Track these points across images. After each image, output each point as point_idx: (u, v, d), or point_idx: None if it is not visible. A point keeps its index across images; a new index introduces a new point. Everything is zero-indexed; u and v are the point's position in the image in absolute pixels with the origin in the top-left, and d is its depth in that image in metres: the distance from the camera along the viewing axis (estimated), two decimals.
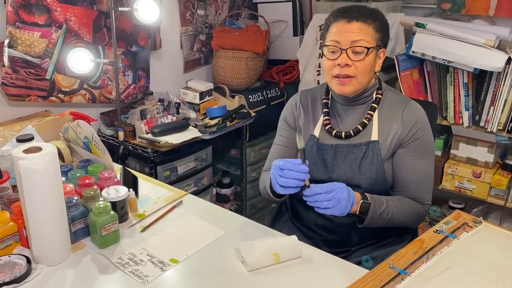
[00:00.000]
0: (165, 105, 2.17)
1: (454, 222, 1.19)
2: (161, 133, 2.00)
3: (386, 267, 0.99)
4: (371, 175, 1.29)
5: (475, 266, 1.00)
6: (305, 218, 1.41)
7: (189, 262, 1.12)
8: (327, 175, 1.33)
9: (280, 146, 1.43)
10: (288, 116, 1.43)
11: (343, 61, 1.24)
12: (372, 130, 1.31)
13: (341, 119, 1.35)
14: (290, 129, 1.42)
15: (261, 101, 2.64)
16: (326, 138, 1.34)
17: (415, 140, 1.29)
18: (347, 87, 1.27)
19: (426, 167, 1.32)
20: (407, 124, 1.29)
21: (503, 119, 2.05)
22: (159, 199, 1.44)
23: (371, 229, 1.34)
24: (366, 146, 1.29)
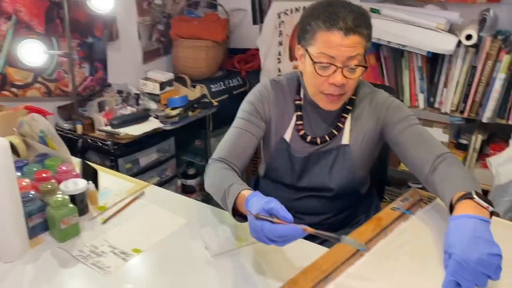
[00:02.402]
0: (124, 96, 2.14)
1: (410, 199, 1.23)
2: (121, 125, 1.97)
3: None
4: (341, 179, 1.27)
5: (430, 241, 1.05)
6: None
7: (152, 251, 1.12)
8: (295, 181, 1.30)
9: (242, 131, 1.25)
10: (257, 105, 1.27)
11: (339, 80, 1.10)
12: (343, 133, 1.26)
13: (313, 122, 1.27)
14: (258, 116, 1.26)
15: (223, 90, 2.63)
16: (298, 145, 1.27)
17: (395, 113, 1.23)
18: (335, 105, 1.18)
19: (420, 128, 1.22)
20: (377, 113, 1.24)
21: (456, 100, 2.13)
22: (120, 191, 1.42)
23: (340, 222, 1.36)
24: (336, 150, 1.26)
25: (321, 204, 1.32)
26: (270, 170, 1.35)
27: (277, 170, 1.32)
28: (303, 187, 1.31)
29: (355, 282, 0.90)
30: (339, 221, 1.36)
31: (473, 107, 2.10)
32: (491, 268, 0.80)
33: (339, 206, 1.34)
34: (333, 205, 1.33)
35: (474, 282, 0.80)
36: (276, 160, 1.30)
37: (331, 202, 1.32)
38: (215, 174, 1.17)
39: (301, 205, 1.33)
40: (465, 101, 2.12)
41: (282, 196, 1.33)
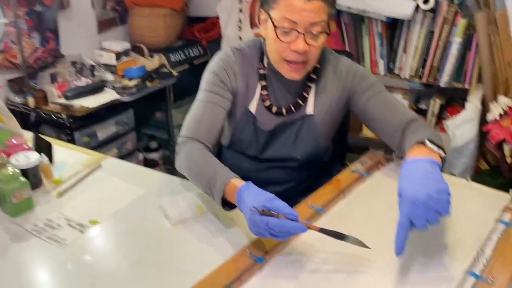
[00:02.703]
0: (78, 68, 2.05)
1: (369, 161, 1.25)
2: (76, 97, 1.89)
3: (305, 207, 1.03)
4: (307, 150, 1.26)
5: (387, 200, 1.07)
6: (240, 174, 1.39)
7: (110, 222, 1.09)
8: (259, 153, 1.29)
9: (209, 104, 1.18)
10: (222, 74, 1.21)
11: (302, 47, 1.07)
12: (308, 103, 1.24)
13: (278, 91, 1.23)
14: (224, 87, 1.20)
15: (183, 60, 2.57)
16: (264, 117, 1.24)
17: (361, 82, 1.22)
18: (298, 74, 1.15)
19: (387, 94, 1.22)
20: (342, 80, 1.23)
21: (415, 65, 2.16)
22: (76, 164, 1.38)
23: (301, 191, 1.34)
24: (301, 120, 1.24)
25: (285, 174, 1.32)
26: (234, 142, 1.32)
27: (241, 142, 1.29)
28: (268, 158, 1.29)
29: (313, 242, 0.91)
30: (302, 188, 1.36)
31: (431, 72, 2.14)
32: (440, 203, 0.82)
33: (303, 175, 1.34)
34: (297, 174, 1.33)
35: (425, 218, 0.82)
36: (241, 132, 1.27)
37: (295, 171, 1.32)
38: (192, 157, 1.10)
39: (264, 176, 1.32)
40: (423, 66, 2.15)
41: (246, 167, 1.33)
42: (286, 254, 0.88)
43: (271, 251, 0.88)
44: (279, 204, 0.86)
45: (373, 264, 0.85)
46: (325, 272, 0.83)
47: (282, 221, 0.83)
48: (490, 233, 0.95)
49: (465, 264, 0.84)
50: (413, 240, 0.92)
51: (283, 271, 0.83)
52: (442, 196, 0.82)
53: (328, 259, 0.87)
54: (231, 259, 0.86)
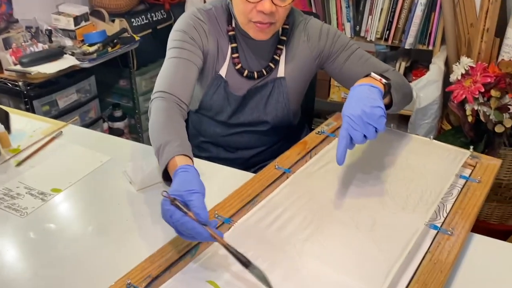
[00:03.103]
0: (34, 32, 1.94)
1: (334, 123, 1.26)
2: (32, 63, 1.80)
3: (272, 168, 1.03)
4: (277, 113, 1.25)
5: (352, 157, 1.08)
6: (207, 151, 1.37)
7: (73, 190, 1.06)
8: (229, 118, 1.26)
9: (180, 59, 1.12)
10: (193, 33, 1.16)
11: (268, 8, 1.04)
12: (279, 65, 1.22)
13: (248, 55, 1.21)
14: (195, 44, 1.15)
15: (146, 24, 2.48)
16: (235, 81, 1.21)
17: (335, 43, 1.21)
18: (266, 34, 1.12)
19: (359, 51, 1.23)
20: (313, 43, 1.21)
21: (380, 27, 2.16)
22: (36, 132, 1.33)
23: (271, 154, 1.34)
24: (272, 83, 1.22)
25: (254, 139, 1.31)
26: (204, 107, 1.28)
27: (211, 107, 1.26)
28: (238, 123, 1.27)
29: (280, 201, 0.91)
30: (271, 152, 1.36)
31: (396, 34, 2.15)
32: (374, 118, 0.89)
33: (272, 139, 1.33)
34: (266, 138, 1.32)
35: (362, 132, 0.89)
36: (211, 97, 1.24)
37: (265, 135, 1.31)
38: (157, 113, 1.02)
39: (234, 140, 1.31)
40: (389, 29, 2.15)
41: (215, 132, 1.31)
42: (253, 214, 0.88)
43: (238, 213, 0.88)
44: (195, 203, 0.75)
45: (337, 218, 0.87)
46: (291, 230, 0.84)
47: (186, 219, 0.73)
48: (451, 187, 0.98)
49: (426, 217, 0.86)
50: (377, 195, 0.94)
51: (250, 231, 0.83)
52: (375, 111, 0.89)
53: (296, 214, 0.87)
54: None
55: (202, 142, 1.36)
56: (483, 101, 1.65)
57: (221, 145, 1.33)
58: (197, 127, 1.36)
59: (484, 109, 1.65)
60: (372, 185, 0.98)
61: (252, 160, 1.35)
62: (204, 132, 1.34)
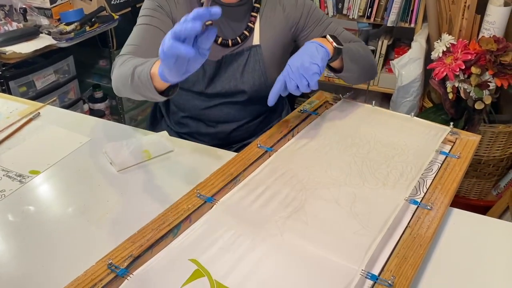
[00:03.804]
0: (7, 10, 1.88)
1: (316, 101, 1.25)
2: (6, 43, 1.74)
3: (254, 147, 1.03)
4: (254, 81, 1.24)
5: (333, 136, 1.08)
6: (186, 125, 1.36)
7: (52, 171, 1.04)
8: (206, 87, 1.24)
9: (148, 26, 1.13)
10: (162, 3, 1.16)
11: None
12: (254, 33, 1.22)
13: (223, 24, 1.21)
14: (163, 12, 1.16)
15: (125, 3, 2.42)
16: None
17: (310, 16, 1.23)
18: None
19: (333, 25, 1.26)
20: (289, 13, 1.22)
21: (363, 5, 2.15)
22: (12, 113, 1.30)
23: (253, 129, 1.36)
24: (248, 51, 1.22)
25: (234, 111, 1.30)
26: None
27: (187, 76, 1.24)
28: (215, 93, 1.26)
29: (262, 180, 0.91)
30: (253, 127, 1.36)
31: (378, 11, 2.14)
32: (309, 72, 0.99)
33: (252, 112, 1.33)
34: (246, 111, 1.31)
35: (295, 81, 0.99)
36: None
37: (244, 108, 1.30)
38: (122, 65, 1.02)
39: (213, 114, 1.30)
40: (371, 6, 2.14)
41: (193, 104, 1.29)
42: (236, 193, 0.88)
43: (220, 191, 0.88)
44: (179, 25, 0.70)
45: (319, 195, 0.87)
46: (273, 208, 0.84)
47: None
48: (431, 163, 0.99)
49: (407, 193, 0.88)
50: (358, 172, 0.95)
51: (233, 209, 0.83)
52: (312, 67, 0.99)
53: (278, 192, 0.87)
54: (180, 200, 0.85)
55: (181, 117, 1.35)
56: (463, 78, 1.67)
57: (201, 119, 1.32)
58: (175, 102, 1.34)
59: (465, 86, 1.66)
60: (353, 162, 0.99)
61: (234, 135, 1.34)
62: (183, 106, 1.32)
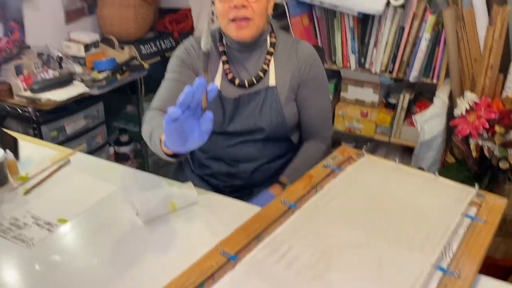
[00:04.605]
0: (45, 59, 1.98)
1: (340, 156, 1.26)
2: (42, 90, 1.83)
3: (278, 203, 1.03)
4: (272, 119, 1.31)
5: (357, 194, 1.08)
6: (208, 167, 1.40)
7: (79, 220, 1.07)
8: (226, 126, 1.32)
9: (174, 81, 1.30)
10: (184, 56, 1.32)
11: (239, 2, 1.18)
12: (269, 75, 1.32)
13: (239, 67, 1.33)
14: (186, 67, 1.31)
15: (154, 52, 2.53)
16: (228, 89, 1.31)
17: (311, 78, 1.33)
18: (245, 31, 1.23)
19: (325, 101, 1.40)
20: (301, 64, 1.32)
21: (385, 60, 2.19)
22: (44, 159, 1.34)
23: (274, 171, 1.39)
24: (265, 91, 1.30)
25: (254, 150, 1.35)
26: None
27: None
28: (235, 131, 1.33)
29: (286, 238, 0.92)
30: (273, 169, 1.39)
31: (401, 67, 2.17)
32: None
33: (271, 152, 1.38)
34: (266, 150, 1.36)
35: None
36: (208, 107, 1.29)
37: (263, 147, 1.35)
38: (148, 122, 1.21)
39: (234, 152, 1.35)
40: (393, 61, 2.18)
41: (215, 144, 1.36)
42: (259, 251, 0.88)
43: (244, 249, 0.88)
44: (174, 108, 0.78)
45: (344, 257, 0.86)
46: (298, 268, 0.84)
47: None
48: (457, 227, 0.97)
49: (432, 258, 0.86)
50: (383, 233, 0.94)
51: (256, 269, 0.83)
52: None
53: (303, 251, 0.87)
54: (204, 257, 0.85)
55: (204, 158, 1.40)
56: (487, 136, 1.66)
57: (223, 159, 1.38)
58: None
59: (489, 145, 1.66)
60: (378, 223, 0.98)
61: (255, 176, 1.38)
62: (205, 147, 1.36)
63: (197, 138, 0.83)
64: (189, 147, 0.85)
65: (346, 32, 2.21)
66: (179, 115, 0.78)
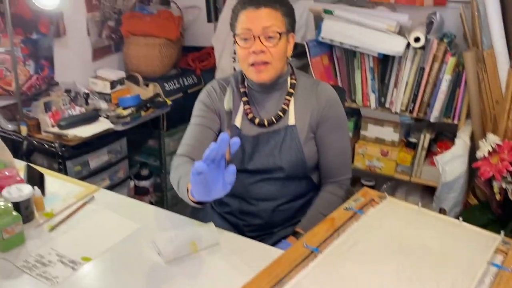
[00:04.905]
0: (72, 96, 2.05)
1: (362, 199, 1.26)
2: (69, 126, 1.89)
3: (300, 246, 1.03)
4: (291, 158, 1.32)
5: (380, 239, 1.07)
6: (228, 205, 1.41)
7: (102, 259, 1.08)
8: (246, 164, 1.34)
9: (198, 126, 1.35)
10: (206, 101, 1.37)
11: (258, 48, 1.23)
12: (289, 115, 1.34)
13: (260, 107, 1.36)
14: (209, 111, 1.36)
15: (177, 89, 2.59)
16: (248, 128, 1.35)
17: (330, 118, 1.35)
18: (264, 74, 1.27)
19: (344, 142, 1.40)
20: (321, 104, 1.34)
21: (405, 100, 2.20)
22: (69, 195, 1.37)
23: (294, 210, 1.39)
24: (284, 130, 1.33)
25: (274, 188, 1.36)
26: None
27: None
28: (255, 169, 1.34)
29: (309, 284, 0.91)
30: (294, 209, 1.40)
31: (421, 107, 2.18)
32: None
33: (292, 191, 1.38)
34: (286, 189, 1.37)
35: None
36: None
37: (284, 186, 1.36)
38: (176, 170, 1.25)
39: (254, 190, 1.36)
40: (414, 101, 2.19)
41: (236, 181, 1.34)
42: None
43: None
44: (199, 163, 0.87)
45: None
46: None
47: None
48: (482, 276, 0.95)
49: None
50: (407, 280, 0.92)
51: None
52: None
53: None
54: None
55: (224, 196, 1.40)
56: (511, 179, 1.64)
57: (243, 198, 1.39)
58: None
59: None
60: (402, 269, 0.97)
61: (275, 216, 1.38)
62: None
63: (221, 189, 0.91)
64: (213, 197, 0.93)
65: (366, 72, 2.24)
66: (204, 170, 0.86)
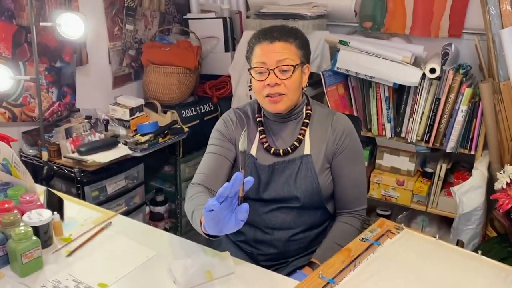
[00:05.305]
0: (93, 122, 2.10)
1: (378, 229, 1.25)
2: (88, 152, 1.93)
3: (316, 277, 1.02)
4: (307, 187, 1.32)
5: (397, 270, 1.06)
6: (243, 233, 1.41)
7: (119, 286, 1.09)
8: (261, 193, 1.35)
9: (214, 154, 1.37)
10: (223, 130, 1.40)
11: (272, 80, 1.26)
12: (304, 144, 1.35)
13: (275, 137, 1.38)
14: (225, 140, 1.39)
15: (194, 116, 2.63)
16: (263, 157, 1.36)
17: (345, 149, 1.36)
18: (279, 105, 1.29)
19: (359, 172, 1.40)
20: (336, 135, 1.36)
21: (421, 130, 2.20)
22: (86, 221, 1.39)
23: (309, 240, 1.39)
24: (300, 160, 1.34)
25: (289, 218, 1.36)
26: None
27: None
28: (270, 198, 1.35)
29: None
30: (308, 239, 1.39)
31: (437, 137, 2.17)
32: None
33: (307, 221, 1.38)
34: (301, 219, 1.37)
35: None
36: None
37: (299, 215, 1.36)
38: (192, 199, 1.25)
39: (269, 219, 1.36)
40: (430, 131, 2.18)
41: (251, 210, 1.34)
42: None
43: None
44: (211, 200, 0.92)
45: None
46: None
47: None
48: None
49: None
50: None
51: None
52: None
53: None
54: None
55: None
56: None
57: (258, 226, 1.39)
58: None
59: None
60: None
61: (290, 245, 1.38)
62: None
63: (233, 225, 0.93)
64: (225, 232, 0.96)
65: (382, 101, 2.25)
66: (216, 207, 0.90)
